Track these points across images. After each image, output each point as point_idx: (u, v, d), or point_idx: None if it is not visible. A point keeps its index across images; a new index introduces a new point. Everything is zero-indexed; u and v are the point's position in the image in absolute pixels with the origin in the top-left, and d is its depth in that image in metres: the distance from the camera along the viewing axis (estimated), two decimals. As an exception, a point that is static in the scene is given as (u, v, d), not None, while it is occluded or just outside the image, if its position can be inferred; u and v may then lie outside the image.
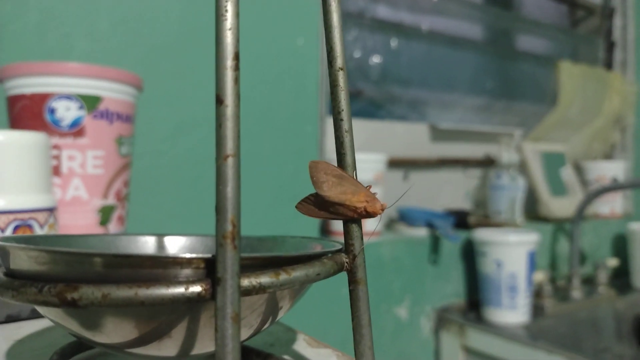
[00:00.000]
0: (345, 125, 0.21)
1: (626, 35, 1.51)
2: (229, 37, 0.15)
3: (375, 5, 1.11)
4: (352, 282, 0.22)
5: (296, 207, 0.22)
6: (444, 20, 1.24)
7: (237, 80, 0.16)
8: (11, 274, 0.19)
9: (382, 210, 0.21)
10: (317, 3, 0.87)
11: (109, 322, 0.18)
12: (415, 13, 1.18)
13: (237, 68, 0.16)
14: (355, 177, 0.22)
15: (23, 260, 0.18)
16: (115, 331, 0.19)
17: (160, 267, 0.17)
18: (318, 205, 0.22)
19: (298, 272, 0.19)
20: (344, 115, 0.21)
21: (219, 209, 0.16)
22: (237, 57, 0.16)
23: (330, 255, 0.21)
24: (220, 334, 0.15)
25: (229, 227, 0.16)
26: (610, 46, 1.54)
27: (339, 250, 0.22)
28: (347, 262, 0.22)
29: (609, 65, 1.54)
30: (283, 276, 0.18)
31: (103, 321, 0.18)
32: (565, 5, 1.54)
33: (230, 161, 0.15)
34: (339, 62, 0.21)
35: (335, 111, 0.22)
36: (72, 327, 0.19)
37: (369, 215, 0.21)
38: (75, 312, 0.19)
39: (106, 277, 0.17)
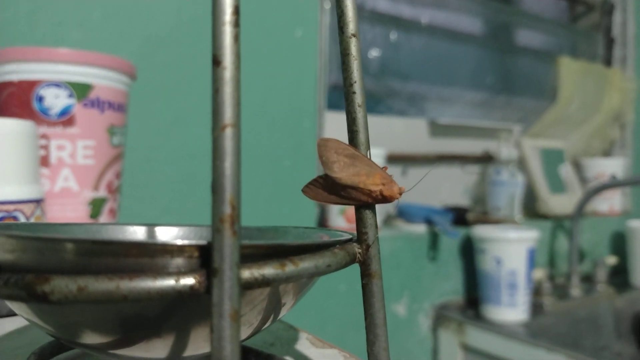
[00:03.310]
0: (358, 99, 0.19)
1: (626, 32, 1.50)
2: (228, -12, 0.13)
3: (375, -3, 1.09)
4: (366, 275, 0.19)
5: (303, 190, 0.20)
6: (443, 13, 1.22)
7: (237, 38, 0.13)
8: (-22, 264, 0.17)
9: (400, 194, 0.19)
10: (316, -7, 0.85)
11: (88, 320, 0.16)
12: (415, 6, 1.16)
13: (237, 24, 0.13)
14: (369, 157, 0.20)
15: (-11, 248, 0.16)
16: (96, 330, 0.16)
17: (147, 255, 0.15)
18: (328, 188, 0.20)
19: (306, 263, 0.16)
20: (357, 87, 0.19)
21: (216, 188, 0.13)
22: (237, 11, 0.13)
23: (340, 245, 0.19)
24: (216, 335, 0.13)
25: (228, 210, 0.13)
26: (609, 42, 1.52)
27: (350, 240, 0.20)
28: (359, 253, 0.19)
29: (608, 61, 1.52)
30: (289, 267, 0.16)
31: (81, 318, 0.16)
32: (565, 1, 1.52)
33: (228, 132, 0.13)
34: (351, 28, 0.19)
35: (346, 83, 0.19)
36: (47, 325, 0.17)
37: (385, 199, 0.19)
38: (48, 309, 0.16)
39: (85, 267, 0.15)
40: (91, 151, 0.49)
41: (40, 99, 0.47)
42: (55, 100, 0.47)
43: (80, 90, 0.48)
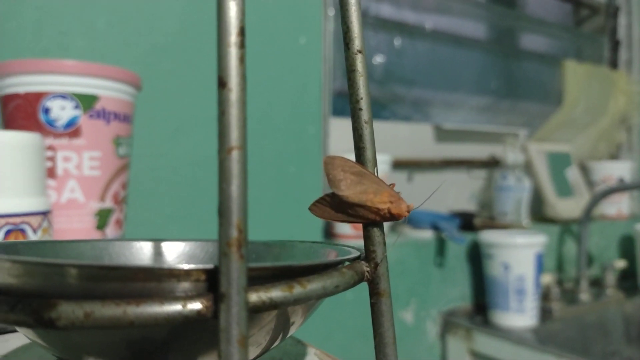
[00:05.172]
0: (364, 116, 0.19)
1: (631, 34, 1.49)
2: (232, 10, 0.13)
3: (379, 4, 1.09)
4: (375, 294, 0.19)
5: (309, 208, 0.20)
6: (447, 19, 1.22)
7: (242, 59, 0.13)
8: (-15, 288, 0.17)
9: (409, 211, 0.19)
10: (319, 0, 0.85)
11: (95, 344, 0.16)
12: (419, 12, 1.16)
13: (242, 45, 0.13)
14: (376, 173, 0.19)
15: (-5, 272, 0.16)
16: (102, 354, 0.16)
17: (154, 280, 0.15)
18: (335, 206, 0.19)
19: (314, 285, 0.16)
20: (363, 104, 0.19)
21: (223, 212, 0.13)
22: (242, 32, 0.13)
23: (348, 263, 0.19)
24: (224, 361, 0.13)
25: (235, 233, 0.13)
26: (615, 45, 1.52)
27: (358, 258, 0.20)
28: (368, 272, 0.19)
29: (614, 64, 1.52)
30: (297, 289, 0.15)
31: (88, 342, 0.16)
32: (570, 4, 1.52)
33: (235, 155, 0.13)
34: (357, 44, 0.19)
35: (352, 99, 0.19)
36: (53, 348, 0.17)
37: (394, 217, 0.19)
38: (55, 333, 0.16)
39: (91, 292, 0.15)
40: (97, 162, 0.49)
41: (47, 111, 0.47)
42: (62, 111, 0.47)
43: (86, 102, 0.48)
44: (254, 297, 0.15)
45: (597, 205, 1.12)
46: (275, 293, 0.15)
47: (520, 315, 0.88)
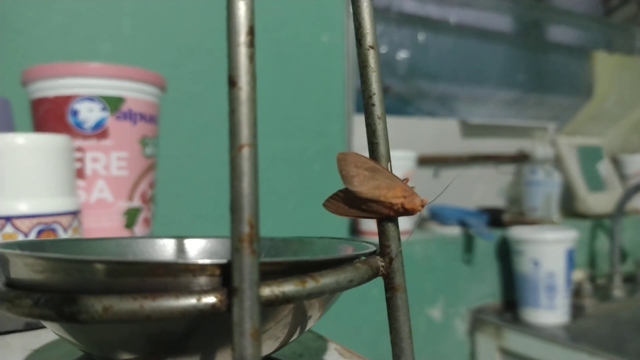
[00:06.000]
0: (377, 111, 0.19)
1: (665, 23, 1.45)
2: (242, 9, 0.13)
3: (402, -2, 1.09)
4: (390, 289, 0.19)
5: (324, 205, 0.20)
6: (472, 12, 1.20)
7: (252, 58, 0.14)
8: (11, 283, 0.18)
9: (422, 206, 0.19)
10: (342, -3, 0.85)
11: (115, 337, 0.16)
12: (443, 6, 1.15)
13: (252, 44, 0.14)
14: (390, 169, 0.19)
15: (20, 268, 0.17)
16: (123, 347, 0.17)
17: (171, 275, 0.15)
18: (348, 202, 0.20)
19: (327, 279, 0.16)
20: (376, 99, 0.19)
21: (234, 208, 0.14)
22: (252, 31, 0.14)
23: (363, 258, 0.19)
24: (238, 354, 0.13)
25: (246, 229, 0.14)
26: (647, 34, 1.47)
27: (373, 253, 0.20)
28: (382, 267, 0.19)
29: (647, 54, 1.47)
30: (310, 284, 0.16)
31: (109, 336, 0.16)
32: (599, -6, 1.48)
33: (245, 152, 0.13)
34: (369, 39, 0.19)
35: (365, 95, 0.19)
36: (77, 341, 0.17)
37: (407, 212, 0.19)
38: (77, 326, 0.17)
39: (111, 286, 0.15)
40: (125, 162, 0.50)
41: (75, 113, 0.48)
42: (89, 114, 0.49)
43: (113, 104, 0.49)
44: (267, 291, 0.15)
45: (631, 200, 1.09)
46: (288, 287, 0.15)
47: (551, 312, 0.87)
